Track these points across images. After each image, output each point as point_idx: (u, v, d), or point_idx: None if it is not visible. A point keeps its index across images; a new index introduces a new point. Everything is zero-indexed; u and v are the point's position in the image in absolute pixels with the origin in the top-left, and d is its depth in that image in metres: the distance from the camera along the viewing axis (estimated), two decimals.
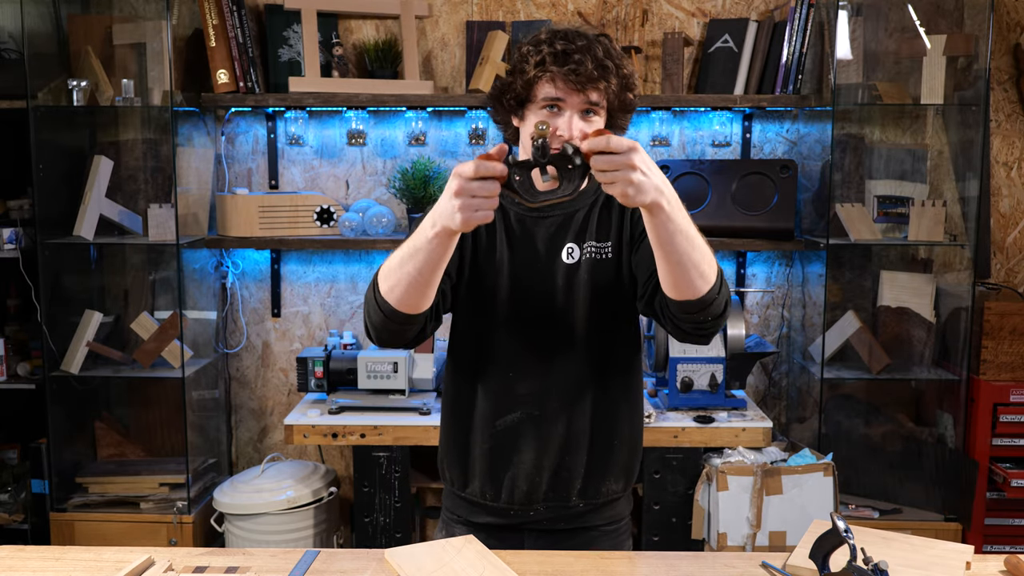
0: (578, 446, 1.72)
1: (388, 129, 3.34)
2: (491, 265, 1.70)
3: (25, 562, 1.64)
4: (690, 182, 3.19)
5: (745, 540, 2.77)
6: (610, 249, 1.69)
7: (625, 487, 1.79)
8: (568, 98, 1.58)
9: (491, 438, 1.72)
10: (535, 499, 1.73)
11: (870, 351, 3.09)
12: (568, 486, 1.73)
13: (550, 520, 1.75)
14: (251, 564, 1.62)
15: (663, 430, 2.85)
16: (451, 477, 1.79)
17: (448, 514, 1.83)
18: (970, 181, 3.08)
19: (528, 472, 1.71)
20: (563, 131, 1.59)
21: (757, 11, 3.25)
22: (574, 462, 1.72)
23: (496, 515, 1.76)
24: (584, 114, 1.60)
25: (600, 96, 1.59)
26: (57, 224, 3.06)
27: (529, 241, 1.70)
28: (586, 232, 1.69)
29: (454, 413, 1.79)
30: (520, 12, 3.26)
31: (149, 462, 3.26)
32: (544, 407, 1.70)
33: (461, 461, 1.77)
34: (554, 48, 1.57)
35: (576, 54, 1.56)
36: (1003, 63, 3.23)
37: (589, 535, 1.77)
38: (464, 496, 1.78)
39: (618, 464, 1.75)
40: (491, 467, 1.73)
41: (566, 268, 1.69)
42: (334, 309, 3.42)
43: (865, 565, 1.44)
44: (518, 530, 1.76)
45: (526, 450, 1.71)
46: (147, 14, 3.16)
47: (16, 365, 3.21)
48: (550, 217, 1.71)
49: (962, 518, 3.03)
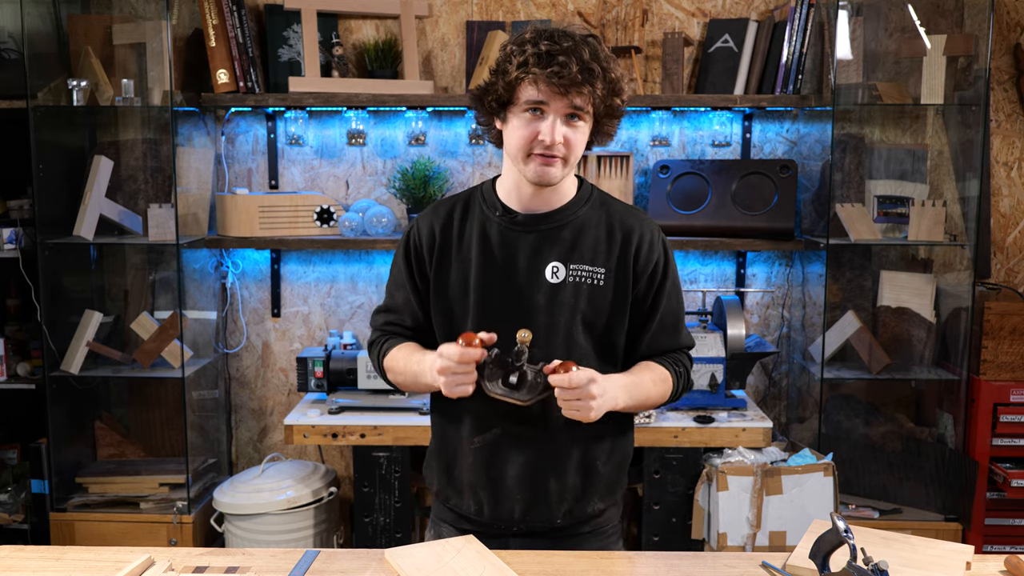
0: (560, 468, 1.66)
1: (388, 129, 3.34)
2: (464, 280, 1.65)
3: (25, 562, 1.64)
4: (690, 182, 3.19)
5: (745, 540, 2.77)
6: (602, 276, 1.63)
7: (610, 503, 1.74)
8: (551, 102, 1.52)
9: (471, 453, 1.68)
10: (516, 518, 1.68)
11: (870, 351, 3.09)
12: (548, 508, 1.68)
13: (534, 532, 1.71)
14: (251, 564, 1.62)
15: (663, 430, 2.85)
16: (436, 488, 1.76)
17: (436, 517, 1.81)
18: (970, 181, 3.08)
19: (508, 491, 1.67)
20: (545, 136, 1.54)
21: (757, 11, 3.25)
22: (555, 485, 1.66)
23: (480, 526, 1.72)
24: (568, 119, 1.55)
25: (585, 101, 1.53)
26: (57, 224, 3.06)
27: (509, 256, 1.64)
28: (572, 252, 1.63)
29: (438, 425, 1.76)
30: (520, 12, 3.25)
31: (149, 462, 3.26)
32: (522, 426, 1.64)
33: (445, 473, 1.73)
34: (538, 49, 1.50)
35: (561, 56, 1.49)
36: (1003, 63, 3.23)
37: (576, 539, 1.72)
38: (448, 507, 1.76)
39: (601, 485, 1.70)
40: (472, 483, 1.69)
41: (549, 287, 1.63)
42: (334, 309, 3.42)
43: (865, 565, 1.44)
44: (503, 536, 1.72)
45: (505, 469, 1.66)
46: (147, 14, 3.16)
47: (16, 365, 3.21)
48: (534, 232, 1.64)
49: (962, 518, 3.03)
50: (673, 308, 1.69)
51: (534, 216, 1.65)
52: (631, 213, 1.69)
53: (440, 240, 1.67)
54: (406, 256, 1.71)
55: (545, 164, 1.56)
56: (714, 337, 2.95)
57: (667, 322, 1.68)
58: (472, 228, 1.66)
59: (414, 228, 1.71)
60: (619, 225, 1.66)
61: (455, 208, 1.70)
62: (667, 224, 3.17)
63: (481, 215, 1.67)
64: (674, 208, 3.17)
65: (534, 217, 1.64)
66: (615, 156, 3.19)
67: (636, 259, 1.64)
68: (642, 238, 1.65)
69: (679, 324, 1.71)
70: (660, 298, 1.67)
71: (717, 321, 3.05)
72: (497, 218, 1.66)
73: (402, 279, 1.72)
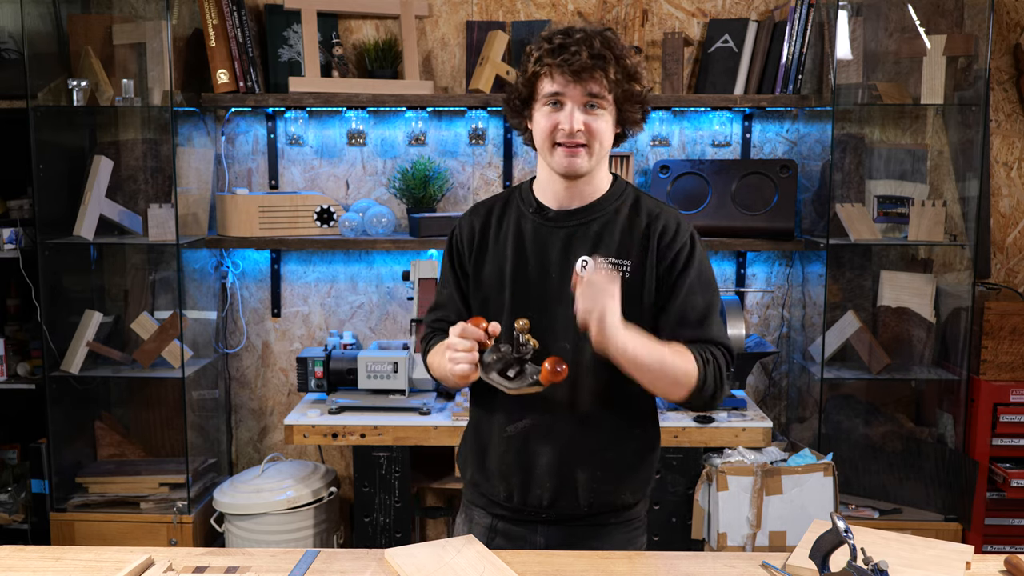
0: (586, 459, 1.70)
1: (388, 129, 3.34)
2: (500, 272, 1.72)
3: (25, 562, 1.64)
4: (690, 182, 3.19)
5: (745, 540, 2.77)
6: (629, 268, 1.66)
7: (639, 496, 1.77)
8: (567, 91, 1.59)
9: (504, 442, 1.73)
10: (545, 505, 1.72)
11: (870, 351, 3.09)
12: (575, 497, 1.71)
13: (561, 520, 1.74)
14: (251, 564, 1.62)
15: (663, 430, 2.81)
16: (470, 474, 1.82)
17: (468, 502, 1.85)
18: (970, 181, 3.08)
19: (537, 479, 1.71)
20: (564, 124, 1.60)
21: (757, 11, 3.25)
22: (581, 475, 1.70)
23: (510, 511, 1.76)
24: (587, 108, 1.61)
25: (600, 87, 1.59)
26: (57, 224, 3.06)
27: (542, 251, 1.70)
28: (601, 246, 1.68)
29: (475, 414, 1.83)
30: (520, 12, 3.26)
31: (149, 462, 3.26)
32: (554, 416, 1.69)
33: (478, 461, 1.79)
34: (552, 43, 1.59)
35: (572, 46, 1.57)
36: (1003, 63, 3.23)
37: (603, 529, 1.75)
38: (480, 492, 1.81)
39: (626, 476, 1.73)
40: (503, 471, 1.74)
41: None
42: (334, 309, 3.42)
43: (865, 565, 1.44)
44: (532, 522, 1.75)
45: (535, 458, 1.71)
46: (147, 14, 3.17)
47: (16, 365, 3.21)
48: (564, 228, 1.70)
49: (962, 518, 3.03)
50: (698, 302, 1.66)
51: (565, 212, 1.71)
52: (659, 206, 1.73)
53: (479, 236, 1.76)
54: (449, 253, 1.81)
55: (569, 154, 1.62)
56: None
57: (690, 317, 1.65)
58: (509, 225, 1.74)
59: (457, 227, 1.81)
60: (645, 217, 1.70)
61: (495, 207, 1.78)
62: None
63: (517, 212, 1.75)
64: None
65: (565, 213, 1.71)
66: (615, 156, 3.19)
67: (658, 247, 1.67)
68: (666, 227, 1.68)
69: (708, 320, 1.66)
70: (680, 287, 1.66)
71: None
72: (531, 215, 1.73)
73: (447, 276, 1.82)
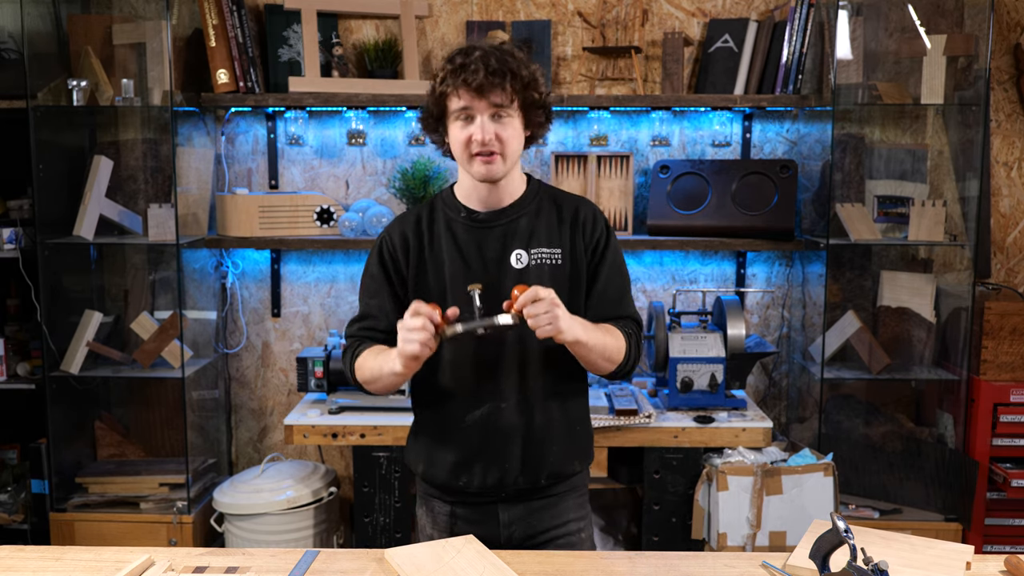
0: (545, 436, 1.82)
1: (388, 129, 3.34)
2: (440, 275, 1.81)
3: (25, 562, 1.64)
4: (690, 182, 3.19)
5: (745, 540, 2.78)
6: (559, 255, 1.81)
7: (586, 464, 1.93)
8: (474, 104, 1.71)
9: (462, 432, 1.82)
10: (508, 483, 1.81)
11: (870, 351, 3.09)
12: (536, 472, 1.82)
13: (522, 494, 1.84)
14: (251, 564, 1.62)
15: (663, 430, 2.85)
16: (422, 469, 1.88)
17: (424, 494, 1.92)
18: (970, 181, 3.08)
19: (501, 460, 1.81)
20: (477, 135, 1.72)
21: (757, 11, 3.25)
22: (542, 451, 1.82)
23: (468, 496, 1.85)
24: (495, 117, 1.72)
25: (503, 98, 1.71)
26: (57, 224, 3.06)
27: (477, 250, 1.81)
28: (531, 238, 1.81)
29: (421, 413, 1.90)
30: (520, 12, 3.26)
31: (149, 462, 3.26)
32: (508, 400, 1.80)
33: (431, 455, 1.86)
34: (454, 63, 1.72)
35: (471, 65, 1.69)
36: (1003, 63, 3.23)
37: (555, 498, 1.87)
38: (434, 485, 1.87)
39: (577, 446, 1.87)
40: (467, 459, 1.82)
41: (515, 273, 1.79)
42: (334, 309, 3.42)
43: (865, 565, 1.44)
44: (492, 503, 1.85)
45: (497, 441, 1.81)
46: (147, 14, 3.17)
47: (16, 365, 3.21)
48: (496, 227, 1.82)
49: (962, 518, 3.03)
50: (617, 282, 1.85)
51: (495, 212, 1.83)
52: (575, 198, 1.90)
53: (414, 243, 1.84)
54: (381, 264, 1.86)
55: (485, 161, 1.74)
56: (714, 337, 2.95)
57: (611, 295, 1.84)
58: (440, 230, 1.84)
59: (385, 237, 1.87)
60: (567, 208, 1.86)
61: (421, 215, 1.87)
62: (667, 224, 3.17)
63: (446, 218, 1.84)
64: (674, 208, 3.17)
65: (495, 213, 1.83)
66: (615, 156, 3.19)
67: (583, 235, 1.83)
68: (586, 217, 1.85)
69: (623, 297, 1.87)
70: (601, 270, 1.84)
71: (717, 321, 3.05)
72: (461, 219, 1.83)
73: (376, 287, 1.87)
